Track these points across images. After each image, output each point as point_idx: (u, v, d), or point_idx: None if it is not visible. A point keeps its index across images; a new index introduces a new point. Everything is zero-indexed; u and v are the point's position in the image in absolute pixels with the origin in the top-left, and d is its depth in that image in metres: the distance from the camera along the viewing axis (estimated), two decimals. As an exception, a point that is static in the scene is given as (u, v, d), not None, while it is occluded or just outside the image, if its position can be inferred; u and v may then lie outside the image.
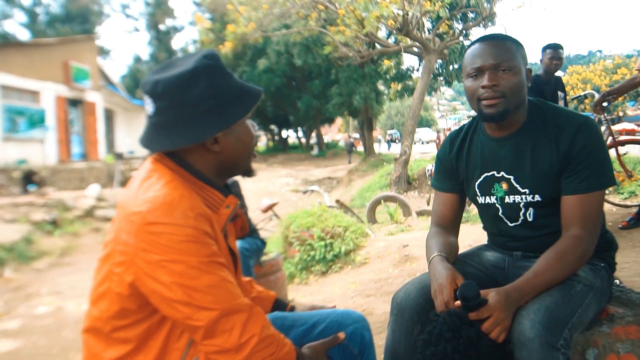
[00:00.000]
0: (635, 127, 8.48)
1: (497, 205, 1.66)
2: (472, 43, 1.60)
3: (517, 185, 1.59)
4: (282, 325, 1.47)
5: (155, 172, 1.24)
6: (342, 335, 1.47)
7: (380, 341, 2.03)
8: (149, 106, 1.24)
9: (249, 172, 1.42)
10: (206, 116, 1.22)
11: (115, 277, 1.18)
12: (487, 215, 1.74)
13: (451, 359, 1.29)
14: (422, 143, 47.43)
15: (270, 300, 1.68)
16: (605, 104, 4.38)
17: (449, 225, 1.79)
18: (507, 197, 1.62)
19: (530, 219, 1.61)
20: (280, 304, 1.70)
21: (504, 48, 1.53)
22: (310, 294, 5.05)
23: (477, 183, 1.70)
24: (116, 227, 1.21)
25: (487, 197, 1.68)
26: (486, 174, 1.67)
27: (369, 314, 3.67)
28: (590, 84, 28.29)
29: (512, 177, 1.60)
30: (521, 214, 1.62)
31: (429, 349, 1.33)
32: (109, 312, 1.20)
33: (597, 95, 4.96)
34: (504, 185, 1.62)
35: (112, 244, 1.20)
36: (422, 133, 49.92)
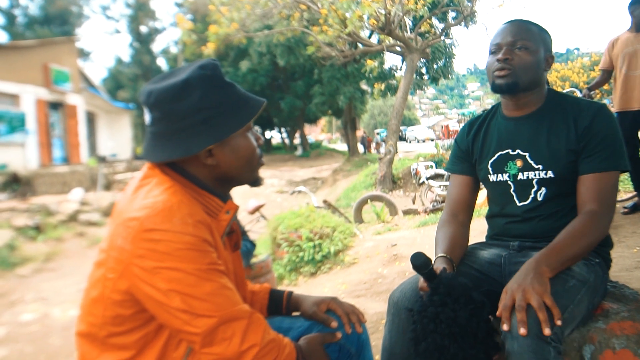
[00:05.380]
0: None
1: (509, 182, 1.71)
2: (501, 25, 1.70)
3: (532, 162, 1.65)
4: (279, 328, 1.47)
5: (153, 177, 1.23)
6: (339, 334, 1.47)
7: (373, 341, 2.03)
8: (147, 116, 1.24)
9: (255, 183, 1.39)
10: (198, 128, 1.20)
11: (109, 282, 1.16)
12: (497, 194, 1.78)
13: (443, 346, 1.31)
14: (418, 141, 44.23)
15: (266, 292, 1.65)
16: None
17: (462, 209, 1.82)
18: (520, 173, 1.67)
19: (539, 199, 1.65)
20: (276, 294, 1.66)
21: (524, 28, 1.64)
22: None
23: (490, 161, 1.75)
24: (112, 232, 1.19)
25: (500, 175, 1.73)
26: (500, 152, 1.73)
27: (360, 314, 3.67)
28: (568, 81, 28.62)
29: (527, 154, 1.66)
30: (532, 192, 1.66)
31: (421, 345, 1.35)
32: (104, 318, 1.18)
33: (578, 93, 5.10)
34: (519, 163, 1.68)
35: (107, 249, 1.18)
36: (417, 131, 47.85)
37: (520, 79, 1.61)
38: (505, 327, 1.26)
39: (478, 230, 2.22)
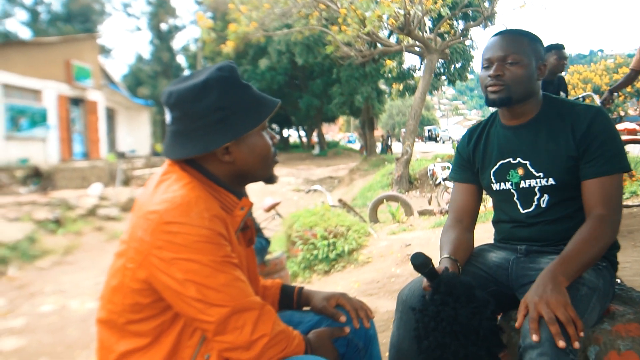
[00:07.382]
0: (637, 127, 8.47)
1: (512, 190, 1.72)
2: (491, 37, 1.70)
3: (533, 170, 1.66)
4: (289, 321, 1.50)
5: (173, 173, 1.29)
6: (347, 329, 1.51)
7: (383, 339, 2.05)
8: (167, 115, 1.30)
9: (269, 180, 1.43)
10: (215, 127, 1.26)
11: (129, 272, 1.22)
12: (501, 201, 1.79)
13: (445, 344, 1.33)
14: (452, 142, 42.90)
15: (277, 287, 1.69)
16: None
17: (465, 216, 1.82)
18: (522, 182, 1.68)
19: (543, 205, 1.66)
20: (287, 289, 1.69)
21: (514, 42, 1.63)
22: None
23: (492, 170, 1.75)
24: (132, 224, 1.25)
25: (502, 184, 1.74)
26: (502, 161, 1.73)
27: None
28: (590, 83, 28.16)
29: (528, 162, 1.67)
30: (535, 199, 1.67)
31: (423, 343, 1.38)
32: (123, 306, 1.24)
33: (595, 97, 5.00)
34: (520, 171, 1.69)
35: (128, 240, 1.24)
36: (452, 131, 46.04)
37: (514, 93, 1.62)
38: (535, 338, 1.24)
39: (490, 233, 2.24)
